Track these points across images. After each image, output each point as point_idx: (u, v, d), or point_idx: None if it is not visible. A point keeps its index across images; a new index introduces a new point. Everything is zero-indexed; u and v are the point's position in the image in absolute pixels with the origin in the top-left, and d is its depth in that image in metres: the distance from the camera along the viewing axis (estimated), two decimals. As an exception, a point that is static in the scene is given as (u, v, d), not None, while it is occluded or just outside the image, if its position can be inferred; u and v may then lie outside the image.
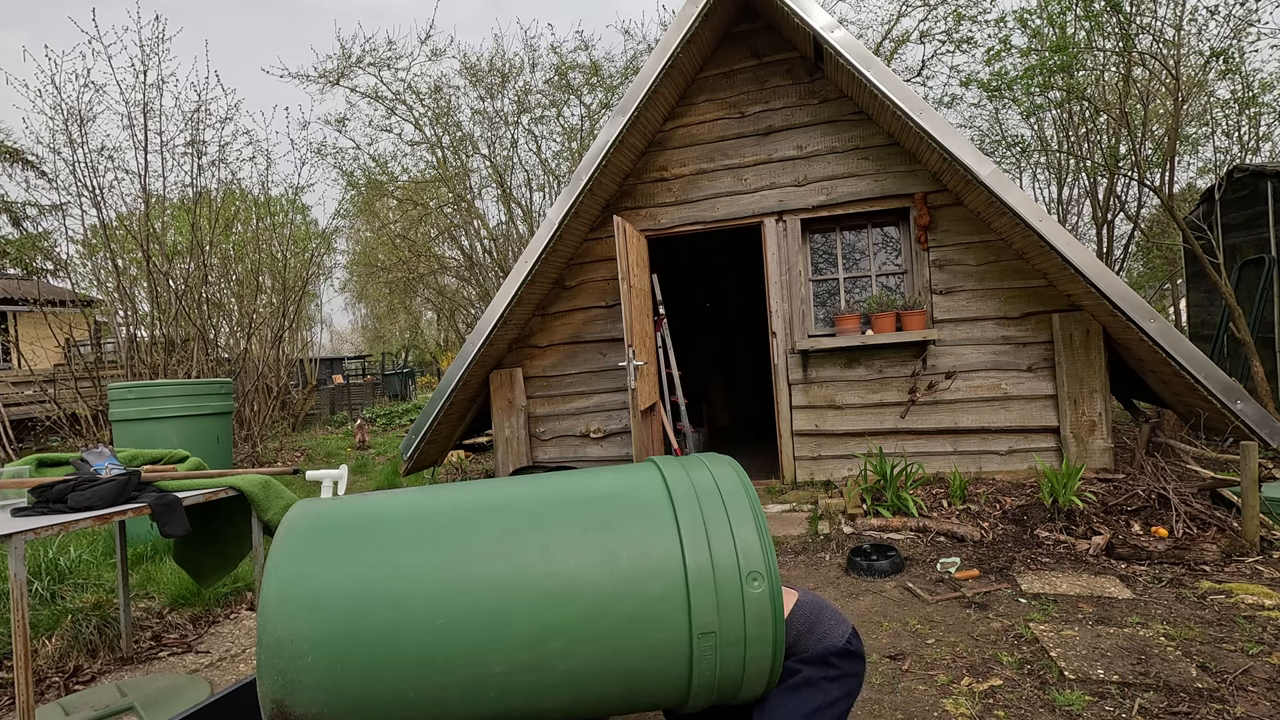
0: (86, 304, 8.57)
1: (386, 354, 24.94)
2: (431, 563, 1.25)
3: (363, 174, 13.26)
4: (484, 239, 13.16)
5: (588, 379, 5.67)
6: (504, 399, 5.72)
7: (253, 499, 2.67)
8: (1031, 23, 7.61)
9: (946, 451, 4.87)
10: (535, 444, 5.80)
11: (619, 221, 4.62)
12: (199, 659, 3.05)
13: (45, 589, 3.53)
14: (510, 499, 1.38)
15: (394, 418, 13.73)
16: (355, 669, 1.18)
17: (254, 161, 19.98)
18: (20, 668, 1.91)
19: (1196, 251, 6.05)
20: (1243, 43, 6.93)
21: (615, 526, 1.31)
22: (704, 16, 4.66)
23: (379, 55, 11.89)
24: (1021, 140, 11.52)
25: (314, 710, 1.18)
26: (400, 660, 1.19)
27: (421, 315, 20.95)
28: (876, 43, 11.19)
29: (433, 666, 1.20)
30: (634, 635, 1.24)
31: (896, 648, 2.67)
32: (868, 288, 5.23)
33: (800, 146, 5.14)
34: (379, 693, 1.19)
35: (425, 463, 6.09)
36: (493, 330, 5.16)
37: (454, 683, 1.21)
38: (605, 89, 11.90)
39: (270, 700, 1.18)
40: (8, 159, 14.77)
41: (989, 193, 4.20)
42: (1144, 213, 10.23)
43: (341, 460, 9.02)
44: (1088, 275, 4.10)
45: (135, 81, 10.45)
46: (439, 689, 1.21)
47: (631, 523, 1.32)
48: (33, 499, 2.28)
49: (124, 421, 4.69)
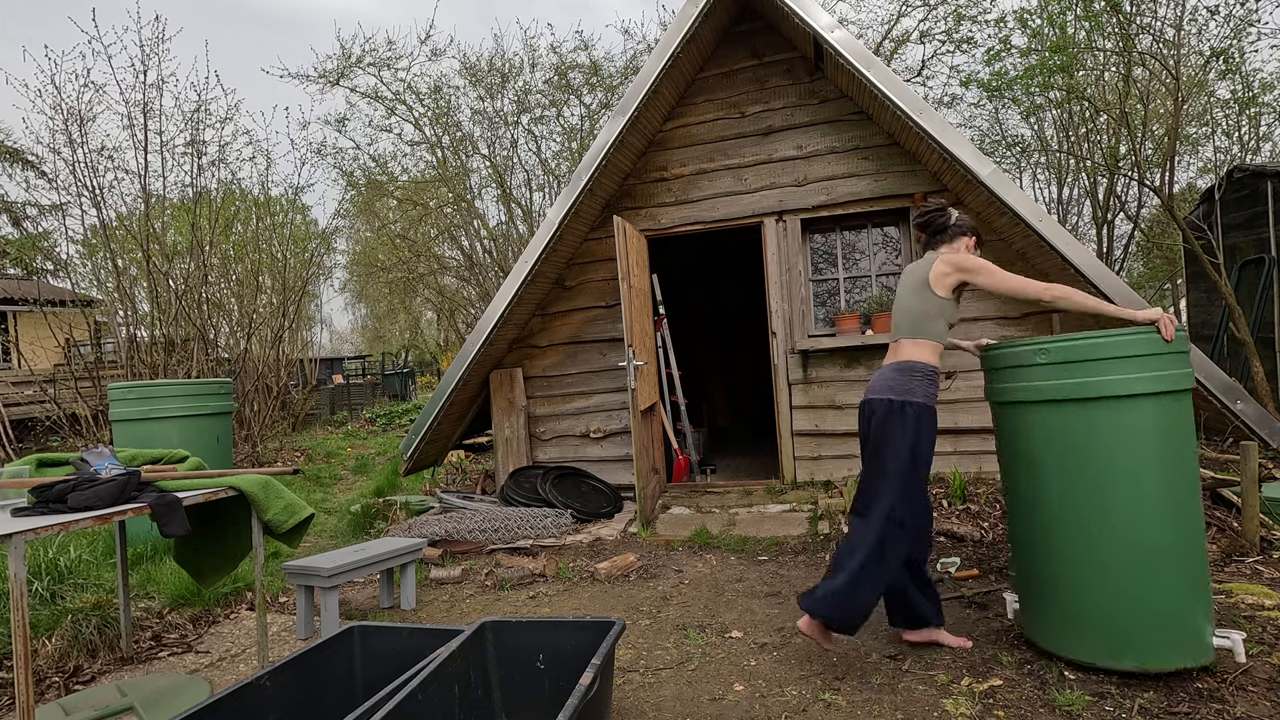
0: (86, 304, 8.57)
1: (386, 354, 24.92)
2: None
3: (363, 174, 13.26)
4: (484, 239, 13.16)
5: (588, 379, 5.67)
6: (504, 399, 5.72)
7: (253, 499, 2.67)
8: (1031, 23, 7.61)
9: (946, 451, 4.87)
10: (535, 444, 5.80)
11: (619, 221, 4.62)
12: (199, 659, 3.05)
13: (45, 589, 3.53)
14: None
15: (394, 418, 13.72)
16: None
17: (254, 161, 19.97)
18: (20, 667, 1.91)
19: (1196, 251, 6.05)
20: (1243, 43, 6.93)
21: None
22: (704, 16, 4.66)
23: (379, 55, 11.90)
24: (1021, 140, 11.52)
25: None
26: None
27: (421, 315, 20.94)
28: (876, 43, 11.19)
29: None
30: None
31: (896, 648, 2.67)
32: (868, 288, 5.23)
33: (800, 146, 5.14)
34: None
35: (425, 463, 6.09)
36: (493, 330, 5.16)
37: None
38: (605, 89, 11.90)
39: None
40: (8, 159, 14.77)
41: (989, 193, 4.19)
42: (1144, 213, 10.23)
43: (341, 460, 9.02)
44: (1088, 275, 4.10)
45: (135, 81, 10.45)
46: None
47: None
48: (33, 499, 2.28)
49: (124, 421, 4.69)
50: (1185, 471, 2.25)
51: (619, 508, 5.19)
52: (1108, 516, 2.24)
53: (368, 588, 3.92)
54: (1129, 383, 2.21)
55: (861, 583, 2.44)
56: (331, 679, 2.20)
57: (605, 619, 2.18)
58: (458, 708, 1.99)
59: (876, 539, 2.45)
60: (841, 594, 2.43)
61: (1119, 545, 2.23)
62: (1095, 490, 2.26)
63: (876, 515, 2.48)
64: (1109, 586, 2.24)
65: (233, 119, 17.06)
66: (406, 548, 3.50)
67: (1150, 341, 2.23)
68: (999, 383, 2.52)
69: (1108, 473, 2.24)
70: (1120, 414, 2.23)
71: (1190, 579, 2.23)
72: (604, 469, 5.61)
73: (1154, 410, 2.22)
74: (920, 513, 2.52)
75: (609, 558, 4.06)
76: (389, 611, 3.48)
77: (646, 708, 2.36)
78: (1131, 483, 2.22)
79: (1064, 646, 2.37)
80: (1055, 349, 2.30)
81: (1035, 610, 2.48)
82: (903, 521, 2.45)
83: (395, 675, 2.20)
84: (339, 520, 5.61)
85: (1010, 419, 2.49)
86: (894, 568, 2.49)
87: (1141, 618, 2.22)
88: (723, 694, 2.42)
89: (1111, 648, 2.26)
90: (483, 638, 2.19)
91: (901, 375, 2.56)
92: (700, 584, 3.59)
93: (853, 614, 2.45)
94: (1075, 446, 2.28)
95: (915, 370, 2.54)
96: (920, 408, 2.50)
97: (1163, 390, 2.22)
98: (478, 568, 4.03)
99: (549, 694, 2.18)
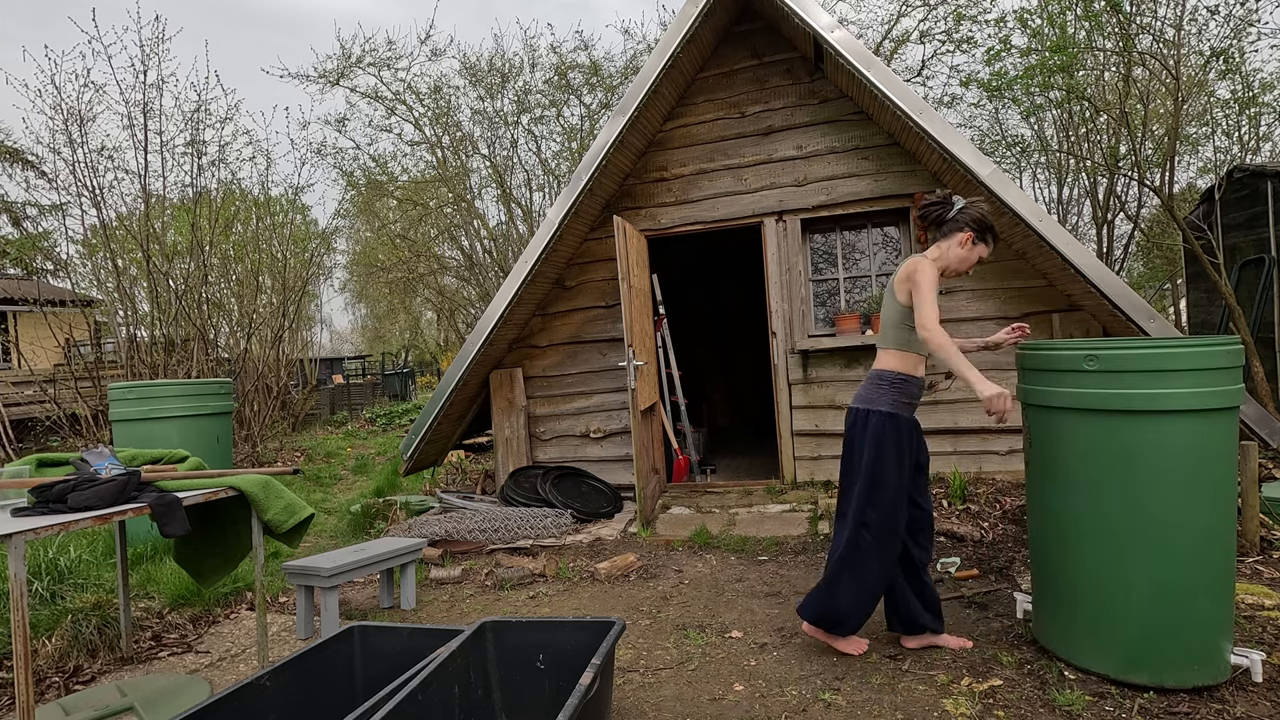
0: (86, 304, 8.57)
1: (386, 354, 24.92)
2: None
3: (363, 174, 13.25)
4: (484, 239, 13.16)
5: (588, 379, 5.67)
6: (504, 399, 5.72)
7: (253, 499, 2.67)
8: (1032, 23, 7.60)
9: (946, 451, 4.87)
10: (535, 444, 5.80)
11: (619, 221, 4.62)
12: (199, 659, 3.05)
13: (45, 589, 3.53)
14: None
15: (394, 418, 13.72)
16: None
17: (254, 161, 19.94)
18: (20, 668, 1.92)
19: (1196, 251, 6.05)
20: (1243, 43, 6.93)
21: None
22: (704, 16, 4.66)
23: (379, 55, 11.90)
24: (1021, 140, 11.51)
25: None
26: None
27: (421, 315, 20.94)
28: (876, 43, 11.19)
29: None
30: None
31: (896, 648, 2.67)
32: (868, 288, 5.23)
33: (800, 146, 5.14)
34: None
35: (425, 463, 6.09)
36: (493, 330, 5.16)
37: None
38: (605, 89, 11.89)
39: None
40: (8, 159, 14.77)
41: (989, 193, 4.19)
42: (1144, 213, 10.22)
43: (341, 460, 9.02)
44: (1088, 275, 4.10)
45: (135, 81, 10.46)
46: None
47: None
48: (33, 499, 2.28)
49: (124, 421, 4.69)
50: (1226, 492, 2.16)
51: (619, 508, 5.19)
52: (1142, 535, 2.15)
53: (368, 588, 3.92)
54: (1181, 397, 2.09)
55: (836, 585, 2.54)
56: (331, 679, 2.20)
57: (605, 619, 2.18)
58: (458, 708, 1.99)
59: (846, 542, 2.54)
60: (820, 595, 2.58)
61: (1150, 564, 2.16)
62: (1132, 507, 2.16)
63: (849, 520, 2.56)
64: (1134, 602, 2.18)
65: (233, 119, 17.07)
66: (406, 548, 3.51)
67: (1208, 355, 2.10)
68: (1035, 384, 2.40)
69: (1148, 491, 2.14)
70: (1168, 430, 2.11)
71: (1218, 601, 2.16)
72: (604, 469, 5.61)
73: (1204, 428, 2.11)
74: (890, 517, 2.51)
75: (609, 558, 4.06)
76: (389, 611, 3.48)
77: (646, 708, 2.36)
78: (1171, 503, 2.13)
79: (1079, 656, 2.34)
80: (1106, 356, 2.16)
81: (1051, 617, 2.45)
82: (869, 525, 2.51)
83: (395, 675, 2.20)
84: (339, 520, 5.61)
85: (1045, 424, 2.38)
86: (876, 570, 2.52)
87: (1165, 637, 2.16)
88: (723, 694, 2.42)
89: (1131, 663, 2.21)
90: (483, 638, 2.19)
91: (870, 384, 2.60)
92: (700, 584, 3.59)
93: (832, 613, 2.54)
94: (1115, 461, 2.17)
95: (883, 379, 2.57)
96: (884, 416, 2.52)
97: (1214, 407, 2.11)
98: (478, 568, 4.03)
99: (549, 694, 2.18)
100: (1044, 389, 2.36)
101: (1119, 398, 2.16)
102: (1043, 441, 2.41)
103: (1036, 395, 2.41)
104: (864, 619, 2.56)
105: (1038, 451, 2.44)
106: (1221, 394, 2.12)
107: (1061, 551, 2.35)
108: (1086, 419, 2.23)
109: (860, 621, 2.56)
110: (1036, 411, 2.44)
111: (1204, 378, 2.10)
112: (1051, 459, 2.37)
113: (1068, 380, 2.27)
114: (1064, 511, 2.33)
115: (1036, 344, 2.43)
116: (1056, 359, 2.30)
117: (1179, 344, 2.12)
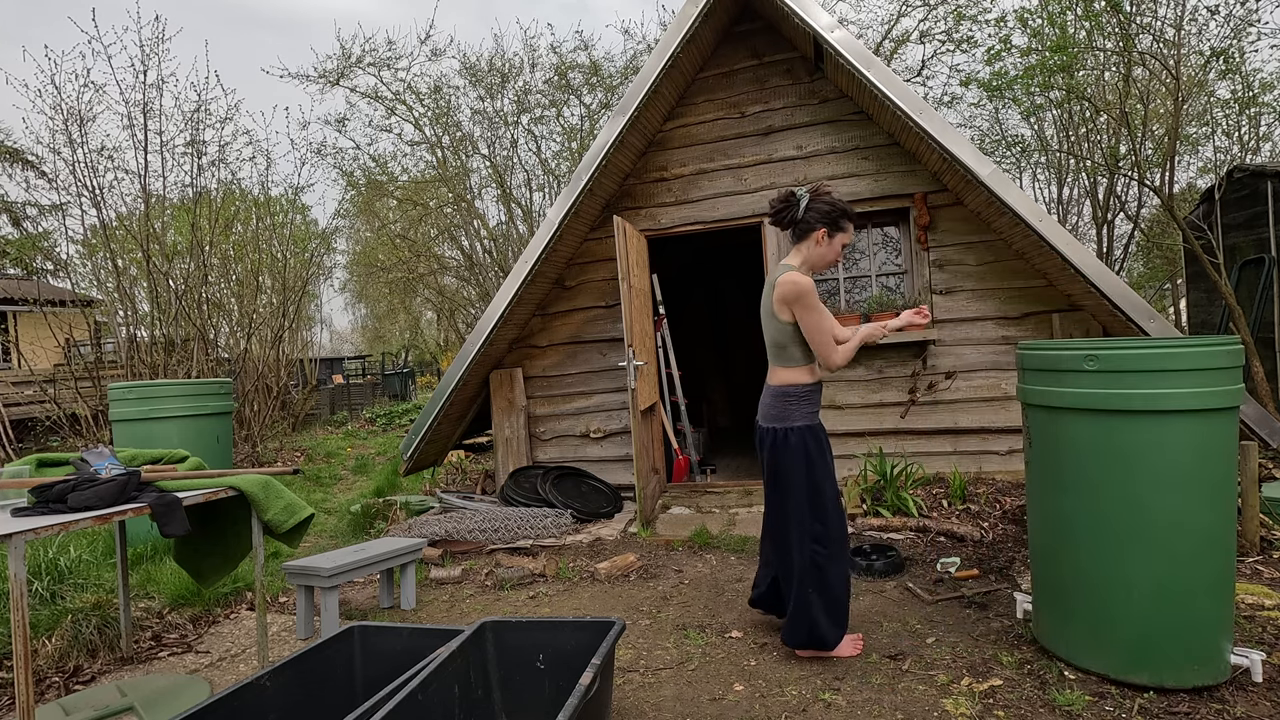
0: (86, 304, 8.57)
1: (386, 354, 24.92)
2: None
3: (363, 174, 13.25)
4: (484, 239, 13.16)
5: (588, 379, 5.67)
6: (504, 399, 5.72)
7: (253, 499, 2.67)
8: (1032, 22, 7.60)
9: (946, 451, 4.87)
10: (535, 444, 5.80)
11: (619, 221, 4.62)
12: (199, 659, 3.05)
13: (45, 589, 3.53)
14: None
15: (394, 418, 13.72)
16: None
17: (254, 161, 19.91)
18: (20, 668, 1.92)
19: (1196, 251, 6.05)
20: (1243, 43, 6.93)
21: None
22: (704, 16, 4.66)
23: (379, 56, 11.89)
24: (1021, 140, 11.51)
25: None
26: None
27: (421, 315, 20.93)
28: (876, 43, 11.19)
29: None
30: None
31: (896, 648, 2.67)
32: (868, 288, 5.23)
33: (800, 146, 5.14)
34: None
35: (425, 463, 6.09)
36: (493, 330, 5.16)
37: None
38: (605, 89, 11.89)
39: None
40: (8, 159, 14.76)
41: (989, 193, 4.19)
42: (1144, 213, 10.22)
43: (341, 460, 9.02)
44: (1088, 275, 4.10)
45: (135, 81, 10.48)
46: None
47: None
48: (33, 499, 2.28)
49: (124, 421, 4.69)
50: (1226, 492, 2.16)
51: (619, 508, 5.19)
52: (1142, 535, 2.15)
53: (368, 588, 3.92)
54: (1181, 398, 2.08)
55: (808, 607, 2.55)
56: (331, 679, 2.20)
57: (605, 619, 2.18)
58: (458, 708, 1.99)
59: (802, 565, 2.54)
60: (798, 621, 2.57)
61: (1151, 564, 2.15)
62: (1132, 507, 2.16)
63: (796, 540, 2.56)
64: (1134, 602, 2.18)
65: (233, 119, 17.06)
66: (406, 548, 3.51)
67: (1208, 355, 2.09)
68: (1036, 384, 2.38)
69: (1148, 491, 2.14)
70: (1168, 430, 2.10)
71: (1218, 601, 2.16)
72: (604, 469, 5.61)
73: (1204, 428, 2.11)
74: (837, 521, 2.56)
75: (609, 558, 4.06)
76: (389, 611, 3.48)
77: (646, 708, 2.36)
78: (1171, 503, 2.12)
79: (1079, 656, 2.34)
80: (1106, 356, 2.16)
81: (1051, 617, 2.45)
82: (819, 539, 2.53)
83: (395, 675, 2.20)
84: (339, 520, 5.61)
85: (1044, 423, 2.37)
86: (837, 574, 2.56)
87: (1165, 637, 2.16)
88: (723, 694, 2.42)
89: (1131, 663, 2.21)
90: (483, 638, 2.19)
91: (777, 401, 2.57)
92: (700, 584, 3.59)
93: (817, 633, 2.55)
94: (1115, 461, 2.17)
95: (789, 394, 2.55)
96: (803, 430, 2.53)
97: (1214, 407, 2.10)
98: (478, 568, 4.02)
99: (549, 694, 2.18)
100: (1044, 389, 2.36)
101: (1119, 398, 2.15)
102: (1043, 441, 2.41)
103: (1037, 395, 2.40)
104: (846, 622, 2.60)
105: (1038, 451, 2.44)
106: (1221, 394, 2.12)
107: (1061, 551, 2.35)
108: (1086, 419, 2.23)
109: (844, 626, 2.59)
110: (1036, 411, 2.43)
111: (1204, 378, 2.10)
112: (1051, 459, 2.36)
113: (1068, 380, 2.27)
114: (1064, 511, 2.33)
115: (1036, 344, 2.42)
116: (1056, 359, 2.30)
117: (1179, 344, 2.11)
